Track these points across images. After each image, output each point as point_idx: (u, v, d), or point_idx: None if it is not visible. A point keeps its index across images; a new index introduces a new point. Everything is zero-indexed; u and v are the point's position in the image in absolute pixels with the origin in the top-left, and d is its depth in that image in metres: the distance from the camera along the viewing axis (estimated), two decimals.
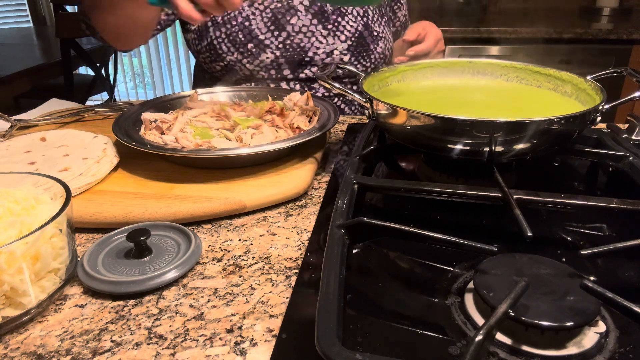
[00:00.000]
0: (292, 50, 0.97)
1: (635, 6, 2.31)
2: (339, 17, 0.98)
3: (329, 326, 0.35)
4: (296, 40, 0.96)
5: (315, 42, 0.97)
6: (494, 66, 0.78)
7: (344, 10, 0.99)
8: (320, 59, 0.98)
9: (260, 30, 0.95)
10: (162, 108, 0.80)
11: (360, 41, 1.00)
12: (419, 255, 0.48)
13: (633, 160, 0.60)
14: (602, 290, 0.36)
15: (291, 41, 0.96)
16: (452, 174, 0.61)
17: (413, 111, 0.55)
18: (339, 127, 0.89)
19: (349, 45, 0.99)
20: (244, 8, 0.96)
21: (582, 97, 0.66)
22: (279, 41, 0.96)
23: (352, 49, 0.99)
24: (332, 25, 0.98)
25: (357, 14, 1.00)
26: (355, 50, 0.99)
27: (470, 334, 0.38)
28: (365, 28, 1.00)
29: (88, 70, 2.85)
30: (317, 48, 0.98)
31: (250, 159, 0.66)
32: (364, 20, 1.00)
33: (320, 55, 0.98)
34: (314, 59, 0.98)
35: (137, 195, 0.60)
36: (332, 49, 0.98)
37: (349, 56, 0.99)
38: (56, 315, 0.43)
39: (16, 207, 0.45)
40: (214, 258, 0.51)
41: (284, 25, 0.96)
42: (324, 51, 0.98)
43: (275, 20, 0.96)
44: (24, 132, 0.82)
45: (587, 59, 1.95)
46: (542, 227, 0.52)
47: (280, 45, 0.96)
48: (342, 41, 0.98)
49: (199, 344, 0.40)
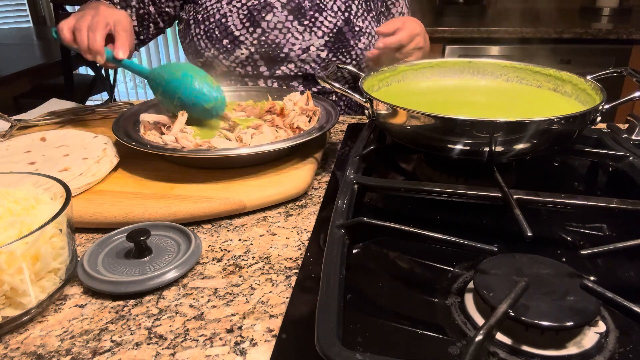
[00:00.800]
0: (267, 47, 0.97)
1: (635, 6, 2.31)
2: (317, 13, 0.98)
3: (329, 326, 0.35)
4: (271, 36, 0.97)
5: (290, 38, 0.97)
6: (494, 66, 0.78)
7: (323, 6, 0.98)
8: (296, 55, 0.98)
9: (236, 27, 0.96)
10: (162, 108, 0.80)
11: (339, 37, 0.98)
12: (419, 255, 0.48)
13: (633, 160, 0.60)
14: (602, 290, 0.36)
15: (266, 37, 0.96)
16: (452, 174, 0.61)
17: (413, 111, 0.55)
18: (339, 127, 0.89)
19: (326, 41, 0.98)
20: (222, 5, 0.97)
21: (582, 97, 0.66)
22: (253, 37, 0.96)
23: (330, 44, 0.98)
24: (308, 21, 0.97)
25: (338, 9, 0.99)
26: (333, 46, 0.98)
27: (470, 334, 0.38)
28: (346, 23, 0.99)
29: (88, 70, 2.86)
30: (292, 44, 0.97)
31: (250, 159, 0.66)
32: (345, 16, 0.99)
33: (296, 51, 0.98)
34: (289, 55, 0.98)
35: (137, 195, 0.60)
36: (309, 45, 0.98)
37: (326, 52, 0.98)
38: (56, 315, 0.43)
39: (16, 207, 0.45)
40: (214, 258, 0.51)
41: (259, 21, 0.96)
42: (299, 47, 0.97)
43: (250, 17, 0.96)
44: (24, 132, 0.82)
45: (587, 59, 1.95)
46: (542, 227, 0.52)
47: (255, 41, 0.96)
48: (318, 37, 0.98)
49: (199, 344, 0.40)
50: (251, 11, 0.96)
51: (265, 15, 0.96)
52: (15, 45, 2.55)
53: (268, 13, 0.96)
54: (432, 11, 2.37)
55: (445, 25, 2.00)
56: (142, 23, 1.04)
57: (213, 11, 0.98)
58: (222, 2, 0.97)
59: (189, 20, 1.01)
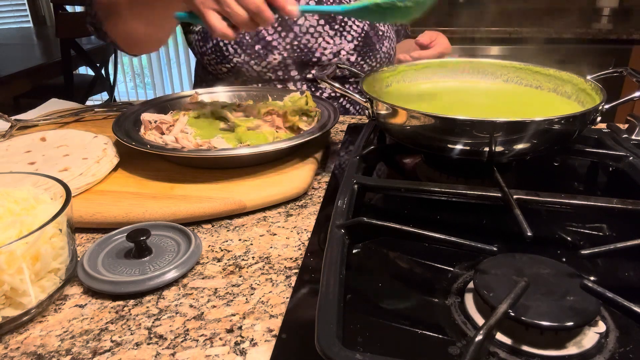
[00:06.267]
0: (299, 51, 0.97)
1: (635, 6, 2.31)
2: (346, 17, 0.99)
3: (329, 326, 0.35)
4: (303, 41, 0.97)
5: (322, 42, 0.98)
6: (494, 66, 0.78)
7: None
8: (327, 59, 0.99)
9: (268, 32, 0.96)
10: (162, 108, 0.80)
11: (367, 41, 1.00)
12: (419, 255, 0.48)
13: (633, 160, 0.60)
14: (602, 290, 0.36)
15: (298, 42, 0.97)
16: (452, 174, 0.61)
17: (413, 111, 0.55)
18: (339, 127, 0.89)
19: (356, 45, 0.99)
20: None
21: (582, 97, 0.66)
22: (286, 42, 0.96)
23: (359, 48, 1.00)
24: (338, 26, 0.98)
25: None
26: (362, 50, 1.00)
27: (470, 334, 0.38)
28: (371, 28, 1.01)
29: (88, 70, 2.85)
30: (324, 48, 0.98)
31: (250, 159, 0.66)
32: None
33: (327, 55, 0.98)
34: (321, 60, 0.99)
35: (137, 195, 0.60)
36: (339, 49, 0.99)
37: (355, 56, 1.00)
38: (56, 315, 0.43)
39: (16, 207, 0.45)
40: (214, 258, 0.51)
41: (291, 26, 0.96)
42: (330, 51, 0.98)
43: (282, 22, 0.96)
44: (24, 132, 0.82)
45: (587, 59, 1.94)
46: (542, 227, 0.52)
47: (287, 46, 0.96)
48: (348, 41, 0.99)
49: (199, 344, 0.40)
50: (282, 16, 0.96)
51: (297, 19, 0.96)
52: (15, 45, 2.55)
53: (300, 17, 0.96)
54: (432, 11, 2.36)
55: (445, 25, 2.00)
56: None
57: None
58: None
59: None
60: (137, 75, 3.62)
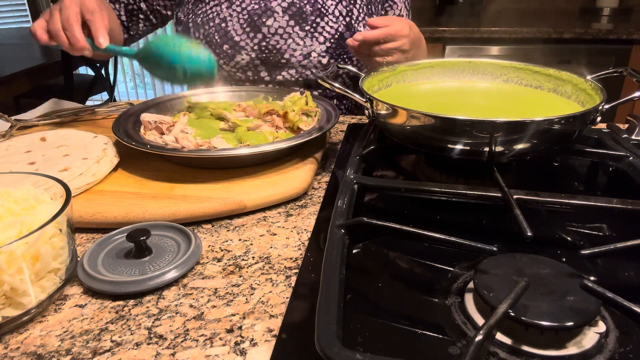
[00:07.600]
0: (267, 52, 0.96)
1: (635, 6, 2.31)
2: (318, 18, 0.97)
3: (329, 326, 0.35)
4: (272, 42, 0.96)
5: (292, 43, 0.96)
6: (494, 66, 0.78)
7: (324, 11, 0.97)
8: (297, 61, 0.97)
9: (236, 32, 0.95)
10: (162, 108, 0.80)
11: (341, 42, 0.98)
12: (419, 255, 0.48)
13: (633, 160, 0.60)
14: (602, 290, 0.36)
15: (267, 43, 0.96)
16: (452, 174, 0.61)
17: (413, 111, 0.55)
18: (339, 127, 0.89)
19: (328, 47, 0.97)
20: (222, 9, 0.96)
21: (582, 97, 0.66)
22: (254, 43, 0.96)
23: (332, 50, 0.97)
24: (309, 27, 0.96)
25: (339, 13, 0.98)
26: (335, 52, 0.97)
27: (470, 334, 0.38)
28: (347, 29, 0.98)
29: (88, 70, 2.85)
30: (293, 50, 0.96)
31: (250, 159, 0.66)
32: (346, 21, 0.98)
33: (297, 57, 0.97)
34: (290, 61, 0.97)
35: (137, 195, 0.60)
36: (310, 51, 0.97)
37: (327, 58, 0.97)
38: (56, 315, 0.43)
39: (16, 207, 0.45)
40: (214, 258, 0.51)
41: (260, 26, 0.95)
42: (300, 53, 0.97)
43: (251, 22, 0.95)
44: (24, 132, 0.82)
45: (587, 59, 1.95)
46: (542, 227, 0.52)
47: (255, 47, 0.96)
48: (320, 43, 0.97)
49: (199, 344, 0.40)
50: (251, 16, 0.95)
51: (266, 20, 0.95)
52: (15, 45, 2.55)
53: (269, 18, 0.95)
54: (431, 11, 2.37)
55: (445, 25, 2.00)
56: (131, 18, 1.03)
57: (212, 15, 0.97)
58: (222, 6, 0.97)
59: (187, 22, 1.00)
60: (137, 75, 3.62)
